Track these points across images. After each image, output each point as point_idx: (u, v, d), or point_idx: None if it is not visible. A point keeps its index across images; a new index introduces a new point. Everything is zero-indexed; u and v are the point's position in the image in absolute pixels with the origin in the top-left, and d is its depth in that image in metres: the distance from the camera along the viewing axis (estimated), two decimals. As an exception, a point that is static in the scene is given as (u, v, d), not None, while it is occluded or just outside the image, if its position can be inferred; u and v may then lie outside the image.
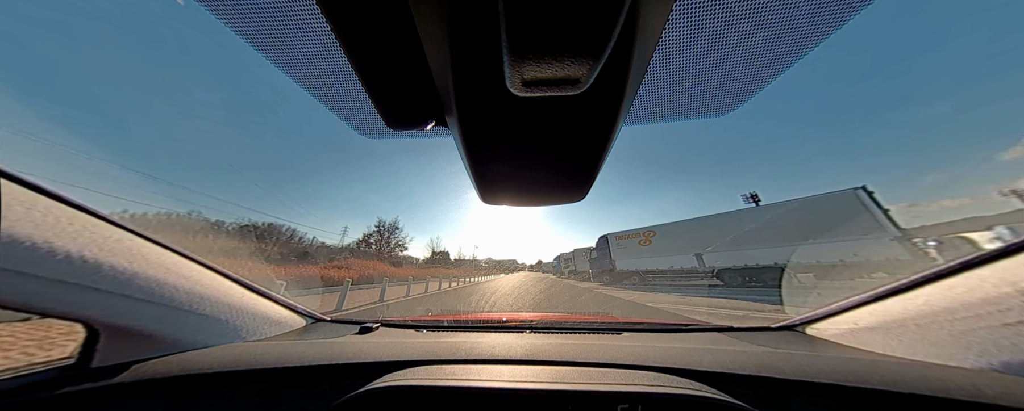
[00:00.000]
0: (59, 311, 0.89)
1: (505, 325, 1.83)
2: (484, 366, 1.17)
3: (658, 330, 1.66)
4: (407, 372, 1.13)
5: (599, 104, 0.47)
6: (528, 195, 0.74)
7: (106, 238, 0.98)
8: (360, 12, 0.44)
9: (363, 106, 0.72)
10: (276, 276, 18.52)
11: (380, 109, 0.59)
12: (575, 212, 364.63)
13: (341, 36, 0.47)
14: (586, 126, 0.52)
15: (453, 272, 61.25)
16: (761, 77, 0.67)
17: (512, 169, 0.64)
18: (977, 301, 0.94)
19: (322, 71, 0.65)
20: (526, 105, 0.47)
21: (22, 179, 0.85)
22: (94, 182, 53.72)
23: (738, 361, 1.08)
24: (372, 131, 0.83)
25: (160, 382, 1.05)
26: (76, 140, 74.08)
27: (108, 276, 0.95)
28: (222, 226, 44.17)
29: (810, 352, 1.14)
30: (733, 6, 0.52)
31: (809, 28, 0.55)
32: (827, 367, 1.00)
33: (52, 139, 66.39)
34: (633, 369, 1.12)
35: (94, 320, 0.98)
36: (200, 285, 1.23)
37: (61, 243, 0.86)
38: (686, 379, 1.04)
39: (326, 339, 1.45)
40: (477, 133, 0.53)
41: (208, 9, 0.53)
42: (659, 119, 0.79)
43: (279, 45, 0.60)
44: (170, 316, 1.13)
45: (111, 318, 0.99)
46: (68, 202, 0.93)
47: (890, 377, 0.93)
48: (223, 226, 43.80)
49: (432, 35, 0.40)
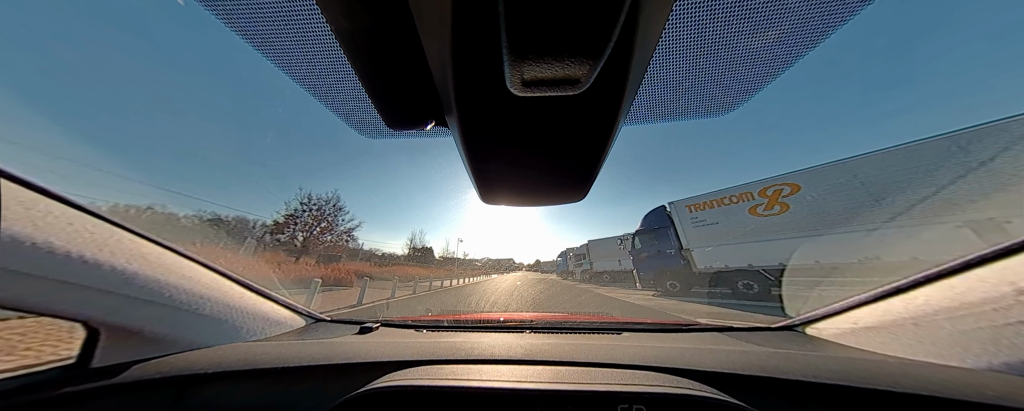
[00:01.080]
0: (59, 311, 0.89)
1: (505, 325, 1.83)
2: (484, 366, 1.17)
3: (658, 330, 1.66)
4: (407, 372, 1.13)
5: (599, 104, 0.47)
6: (528, 195, 0.74)
7: (106, 238, 0.98)
8: (360, 12, 0.44)
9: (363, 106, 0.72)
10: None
11: (380, 109, 0.59)
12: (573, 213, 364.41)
13: (341, 36, 0.47)
14: (586, 126, 0.52)
15: (430, 273, 47.35)
16: (761, 77, 0.67)
17: (512, 169, 0.64)
18: (977, 301, 0.94)
19: (322, 71, 0.65)
20: (526, 105, 0.47)
21: (22, 179, 0.85)
22: (83, 177, 52.53)
23: (738, 361, 1.08)
24: (372, 131, 0.83)
25: (160, 382, 1.05)
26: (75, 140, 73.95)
27: (108, 276, 0.95)
28: (178, 219, 40.58)
29: (810, 352, 1.14)
30: (733, 6, 0.52)
31: (809, 28, 0.55)
32: (827, 367, 1.00)
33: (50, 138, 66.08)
34: (633, 369, 1.12)
35: (94, 320, 0.98)
36: (200, 285, 1.23)
37: (61, 243, 0.86)
38: (686, 379, 1.04)
39: (326, 339, 1.45)
40: (477, 133, 0.53)
41: (208, 9, 0.53)
42: (659, 119, 0.79)
43: (279, 45, 0.60)
44: (170, 316, 1.13)
45: (111, 318, 0.99)
46: (68, 202, 0.93)
47: (890, 377, 0.93)
48: (179, 219, 40.22)
49: (432, 35, 0.40)
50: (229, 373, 1.12)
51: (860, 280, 8.88)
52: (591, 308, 11.51)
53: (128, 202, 49.16)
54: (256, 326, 1.44)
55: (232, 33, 0.57)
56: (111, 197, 49.65)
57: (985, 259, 0.95)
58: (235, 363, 1.15)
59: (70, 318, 0.93)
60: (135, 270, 1.02)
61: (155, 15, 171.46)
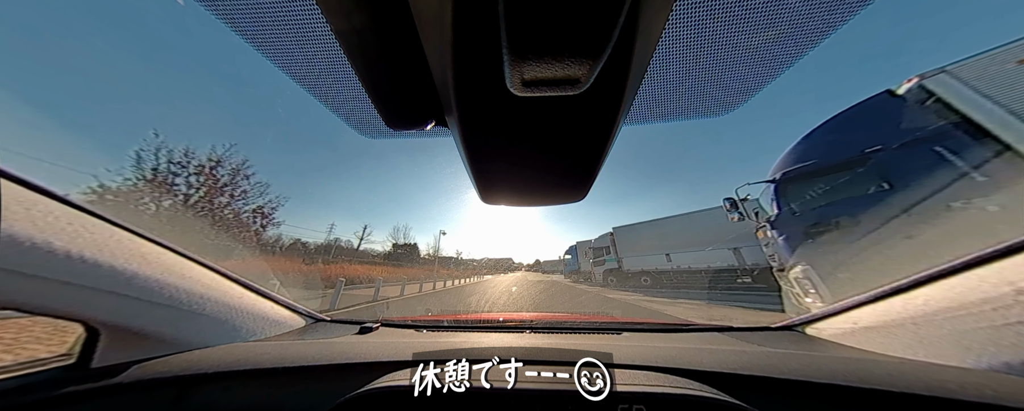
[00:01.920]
0: (59, 311, 0.89)
1: (505, 325, 1.83)
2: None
3: (658, 330, 1.67)
4: (407, 372, 1.13)
5: (599, 104, 0.47)
6: (528, 195, 0.74)
7: (106, 238, 0.98)
8: (360, 12, 0.44)
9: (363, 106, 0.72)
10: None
11: (380, 109, 0.59)
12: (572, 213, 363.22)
13: (341, 36, 0.47)
14: (586, 126, 0.52)
15: (393, 273, 35.67)
16: (761, 77, 0.67)
17: (512, 169, 0.64)
18: (977, 301, 0.94)
19: (322, 71, 0.65)
20: (526, 105, 0.47)
21: (22, 179, 0.85)
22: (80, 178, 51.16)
23: (738, 361, 1.08)
24: (372, 131, 0.83)
25: (160, 382, 1.05)
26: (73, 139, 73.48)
27: (108, 276, 0.95)
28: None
29: (810, 352, 1.14)
30: (733, 6, 0.52)
31: (809, 28, 0.55)
32: (827, 367, 1.00)
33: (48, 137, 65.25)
34: (633, 369, 1.12)
35: (94, 320, 0.98)
36: (200, 285, 1.23)
37: (61, 243, 0.86)
38: (686, 379, 1.04)
39: (326, 339, 1.45)
40: (477, 133, 0.53)
41: (208, 9, 0.53)
42: (659, 119, 0.79)
43: (279, 45, 0.60)
44: (170, 316, 1.13)
45: (111, 318, 0.99)
46: (68, 202, 0.93)
47: (890, 377, 0.93)
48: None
49: (432, 35, 0.40)
50: (229, 373, 1.12)
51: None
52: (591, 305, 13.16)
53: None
54: (256, 326, 1.44)
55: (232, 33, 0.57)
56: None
57: (985, 259, 0.95)
58: (235, 363, 1.15)
59: (70, 318, 0.93)
60: (135, 270, 1.02)
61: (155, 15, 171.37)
